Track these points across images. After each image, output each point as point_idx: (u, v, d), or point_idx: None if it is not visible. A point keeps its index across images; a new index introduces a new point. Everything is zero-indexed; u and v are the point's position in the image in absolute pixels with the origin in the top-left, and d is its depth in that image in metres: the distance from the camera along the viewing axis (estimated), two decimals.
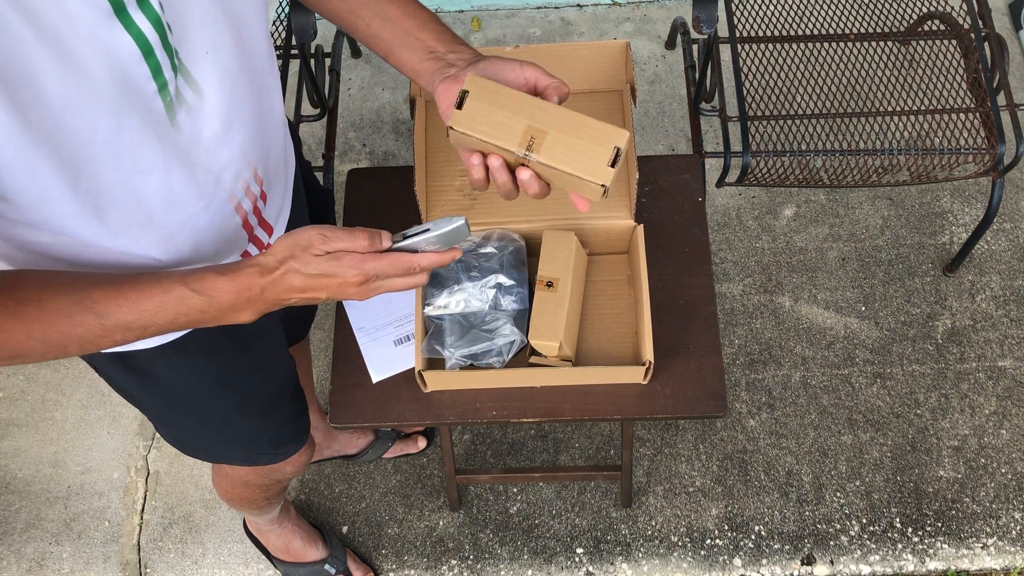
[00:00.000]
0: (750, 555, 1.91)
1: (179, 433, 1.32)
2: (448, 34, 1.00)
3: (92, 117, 0.74)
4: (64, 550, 1.97)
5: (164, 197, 0.86)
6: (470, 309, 1.28)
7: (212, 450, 1.36)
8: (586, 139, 0.94)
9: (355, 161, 2.38)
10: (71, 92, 0.72)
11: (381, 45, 1.01)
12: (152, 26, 0.75)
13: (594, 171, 0.94)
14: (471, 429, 2.05)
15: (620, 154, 0.95)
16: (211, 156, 0.89)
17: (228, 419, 1.26)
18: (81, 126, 0.74)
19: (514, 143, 0.93)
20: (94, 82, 0.73)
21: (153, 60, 0.77)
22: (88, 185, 0.78)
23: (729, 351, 2.10)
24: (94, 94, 0.74)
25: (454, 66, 0.97)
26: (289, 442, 1.39)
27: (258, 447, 1.35)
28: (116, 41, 0.73)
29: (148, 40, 0.75)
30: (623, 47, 1.38)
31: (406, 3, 1.00)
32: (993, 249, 2.20)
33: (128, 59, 0.75)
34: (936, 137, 1.85)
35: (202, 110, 0.85)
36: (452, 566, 1.92)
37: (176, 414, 1.24)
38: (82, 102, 0.73)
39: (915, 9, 2.06)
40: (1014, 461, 1.97)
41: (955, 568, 1.89)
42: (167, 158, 0.83)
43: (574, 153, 0.94)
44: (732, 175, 1.85)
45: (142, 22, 0.74)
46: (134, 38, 0.74)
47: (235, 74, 0.88)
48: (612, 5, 2.58)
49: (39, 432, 2.09)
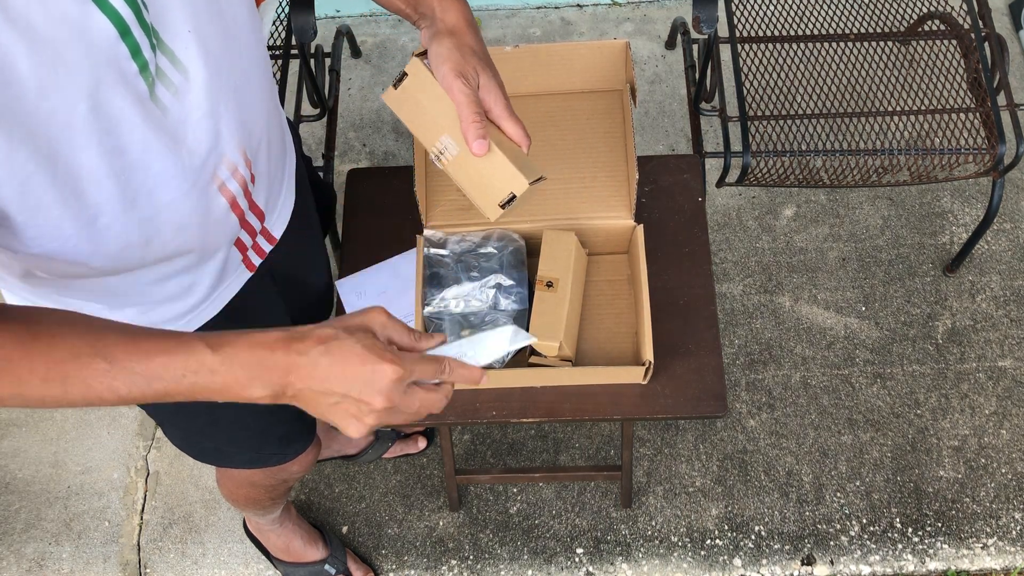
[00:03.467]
0: (750, 555, 1.91)
1: (189, 436, 1.31)
2: None
3: (70, 99, 0.73)
4: (64, 550, 1.97)
5: (147, 178, 0.84)
6: (470, 309, 1.28)
7: (222, 452, 1.36)
8: (490, 173, 1.01)
9: (355, 161, 2.38)
10: (45, 75, 0.70)
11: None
12: (127, 4, 0.74)
13: (486, 204, 1.03)
14: (471, 429, 2.05)
15: (513, 200, 1.02)
16: (196, 136, 0.87)
17: (239, 417, 1.25)
18: (58, 108, 0.73)
19: (430, 143, 1.01)
20: (69, 64, 0.72)
21: (131, 39, 0.75)
22: (66, 168, 0.76)
23: (729, 351, 2.10)
24: (70, 76, 0.72)
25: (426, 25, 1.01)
26: (298, 439, 1.39)
27: (268, 446, 1.35)
28: (90, 22, 0.72)
29: (123, 19, 0.74)
30: (623, 47, 1.38)
31: None
32: (993, 249, 2.20)
33: (104, 39, 0.74)
34: (936, 137, 1.85)
35: (187, 89, 0.84)
36: (452, 566, 1.92)
37: (187, 417, 1.24)
38: (58, 85, 0.71)
39: (915, 9, 2.06)
40: (1014, 461, 1.97)
41: (955, 568, 1.89)
42: (151, 138, 0.82)
43: (476, 179, 1.02)
44: (732, 175, 1.85)
45: (116, 1, 0.73)
46: (108, 17, 0.73)
47: (219, 53, 0.86)
48: (612, 5, 2.58)
49: (39, 432, 2.09)
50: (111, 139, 0.78)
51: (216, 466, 1.44)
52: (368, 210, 1.46)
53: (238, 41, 0.91)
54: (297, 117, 1.98)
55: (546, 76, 1.43)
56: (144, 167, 0.83)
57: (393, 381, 0.78)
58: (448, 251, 1.30)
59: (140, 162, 0.82)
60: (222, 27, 0.87)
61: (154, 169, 0.84)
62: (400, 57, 2.52)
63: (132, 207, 0.84)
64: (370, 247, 1.43)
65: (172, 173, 0.86)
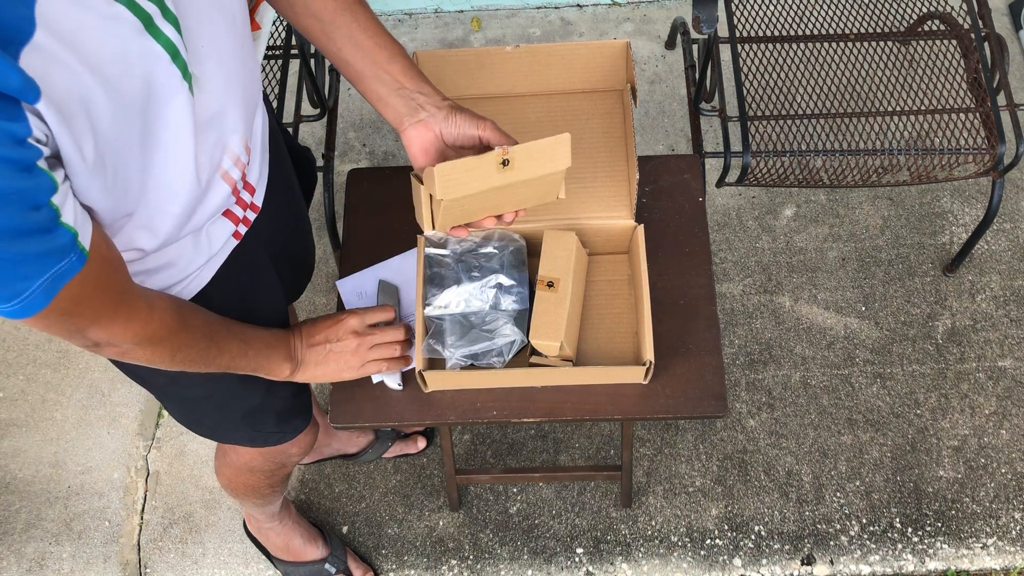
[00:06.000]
0: (750, 555, 1.91)
1: (187, 411, 1.33)
2: (414, 70, 1.08)
3: (130, 122, 0.79)
4: (64, 550, 1.97)
5: (172, 179, 0.90)
6: (470, 309, 1.28)
7: (220, 428, 1.37)
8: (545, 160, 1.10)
9: (355, 161, 2.38)
10: (116, 106, 0.76)
11: (351, 72, 1.08)
12: (175, 30, 0.81)
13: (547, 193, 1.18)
14: (471, 429, 2.05)
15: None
16: (205, 135, 0.92)
17: (235, 392, 1.26)
18: (122, 131, 0.79)
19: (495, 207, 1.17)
20: (132, 91, 0.78)
21: (180, 60, 0.82)
22: (122, 179, 0.83)
23: (729, 351, 2.10)
24: (132, 101, 0.78)
25: (423, 109, 1.07)
26: (295, 417, 1.39)
27: (266, 424, 1.35)
28: (150, 52, 0.78)
29: (174, 44, 0.81)
30: (623, 47, 1.38)
31: (378, 33, 1.06)
32: (993, 249, 2.20)
33: (160, 65, 0.80)
34: (936, 137, 1.85)
35: (201, 98, 0.89)
36: (452, 566, 1.92)
37: (183, 389, 1.25)
38: (124, 111, 0.78)
39: (915, 9, 2.06)
40: (1014, 461, 1.97)
41: (955, 568, 1.89)
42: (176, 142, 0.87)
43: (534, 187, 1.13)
44: (732, 175, 1.85)
45: (168, 30, 0.80)
46: (163, 46, 0.79)
47: (229, 60, 0.92)
48: (612, 5, 2.58)
49: (39, 432, 2.09)
50: (149, 152, 0.85)
51: (216, 441, 1.44)
52: (368, 210, 1.46)
53: (240, 34, 0.96)
54: (297, 117, 1.98)
55: (546, 76, 1.43)
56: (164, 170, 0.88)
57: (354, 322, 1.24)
58: (448, 251, 1.30)
59: (162, 164, 0.88)
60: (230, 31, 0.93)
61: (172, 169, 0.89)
62: None
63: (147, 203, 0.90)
64: (370, 247, 1.43)
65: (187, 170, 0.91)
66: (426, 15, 2.61)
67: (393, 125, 1.09)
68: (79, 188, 0.79)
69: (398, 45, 1.08)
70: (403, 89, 1.06)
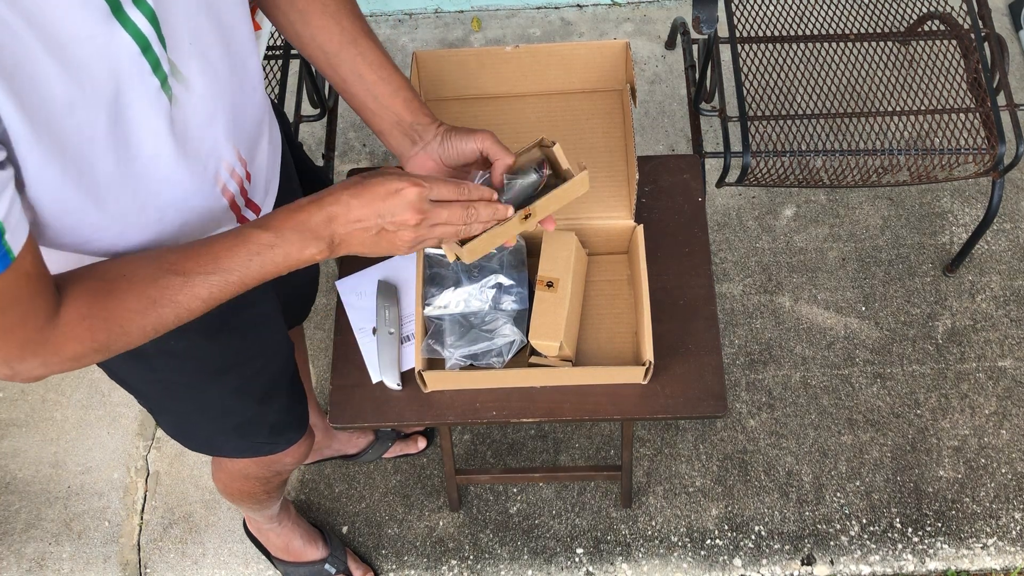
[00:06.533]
0: (750, 555, 1.91)
1: (179, 423, 1.32)
2: (416, 102, 1.08)
3: (92, 114, 0.77)
4: (64, 550, 1.97)
5: (160, 185, 0.89)
6: (470, 309, 1.28)
7: (213, 441, 1.36)
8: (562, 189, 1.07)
9: (355, 161, 2.38)
10: (74, 93, 0.74)
11: (355, 103, 1.09)
12: (148, 21, 0.78)
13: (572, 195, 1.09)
14: (471, 429, 2.05)
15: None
16: (198, 142, 0.91)
17: (228, 406, 1.26)
18: (83, 123, 0.76)
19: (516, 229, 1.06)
20: (95, 81, 0.75)
21: (151, 55, 0.79)
22: (89, 179, 0.81)
23: (729, 351, 2.10)
24: (95, 92, 0.76)
25: (421, 139, 1.07)
26: (289, 429, 1.39)
27: (259, 436, 1.35)
28: (115, 40, 0.76)
29: (145, 36, 0.78)
30: (623, 47, 1.38)
31: (382, 67, 1.07)
32: (993, 249, 2.20)
33: (127, 56, 0.77)
34: (936, 137, 1.85)
35: (189, 99, 0.87)
36: (452, 566, 1.92)
37: (176, 402, 1.24)
38: (85, 102, 0.75)
39: (915, 9, 2.06)
40: (1014, 461, 1.97)
41: (955, 568, 1.89)
42: (160, 145, 0.86)
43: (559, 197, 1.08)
44: (732, 175, 1.85)
45: (138, 18, 0.77)
46: (132, 35, 0.77)
47: (217, 62, 0.90)
48: (612, 5, 2.58)
49: (39, 432, 2.09)
50: (126, 149, 0.82)
51: (209, 455, 1.44)
52: None
53: (234, 51, 0.94)
54: (297, 117, 1.98)
55: (546, 76, 1.43)
56: (152, 174, 0.87)
57: (416, 195, 0.91)
58: None
59: (149, 169, 0.86)
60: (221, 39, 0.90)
61: (161, 174, 0.88)
62: (400, 57, 2.52)
63: (142, 211, 0.89)
64: None
65: (180, 178, 0.90)
66: (426, 15, 2.61)
67: (397, 156, 1.11)
68: (31, 178, 0.75)
69: (401, 78, 1.08)
70: (402, 123, 1.07)
